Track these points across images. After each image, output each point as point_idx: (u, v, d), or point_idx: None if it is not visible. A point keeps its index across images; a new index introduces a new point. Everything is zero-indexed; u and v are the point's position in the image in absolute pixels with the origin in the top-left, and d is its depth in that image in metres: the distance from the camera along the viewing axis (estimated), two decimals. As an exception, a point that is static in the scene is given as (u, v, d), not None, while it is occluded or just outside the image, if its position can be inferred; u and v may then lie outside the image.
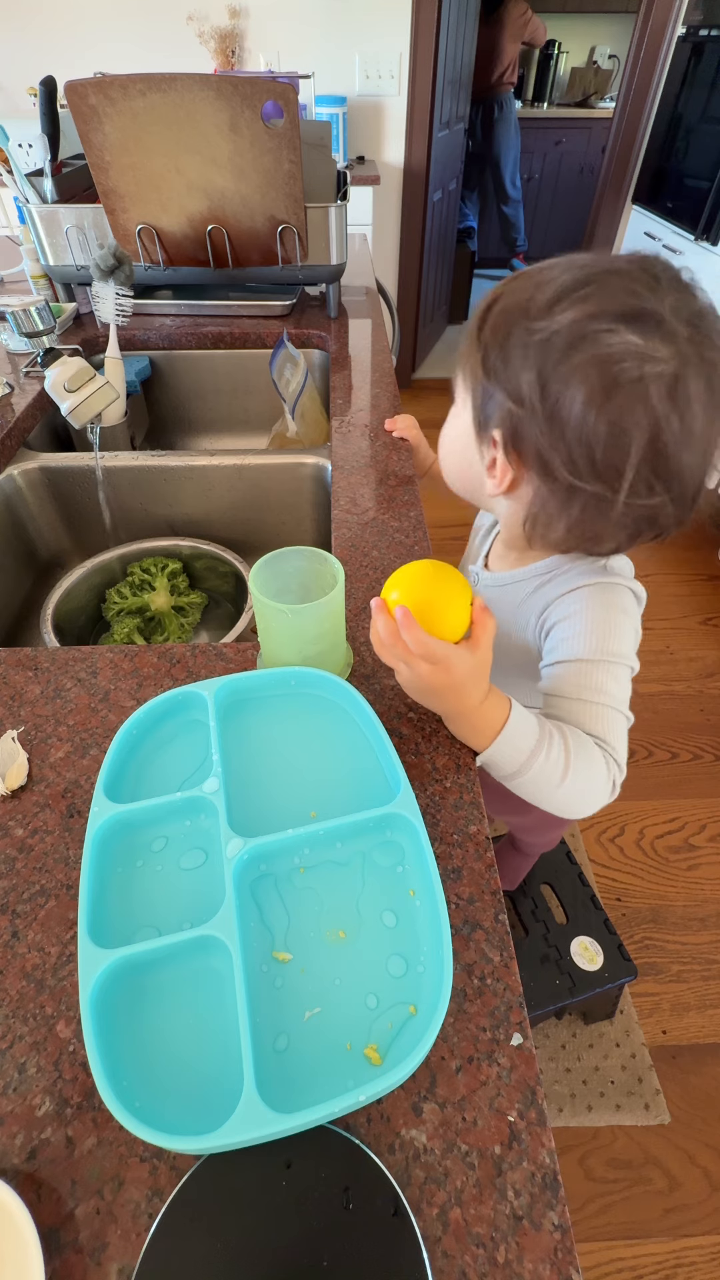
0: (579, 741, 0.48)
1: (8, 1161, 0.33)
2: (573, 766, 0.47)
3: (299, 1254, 0.30)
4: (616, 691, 0.51)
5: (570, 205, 4.21)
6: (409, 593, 0.46)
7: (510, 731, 0.47)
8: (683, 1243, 0.95)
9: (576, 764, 0.47)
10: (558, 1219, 0.31)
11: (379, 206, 2.56)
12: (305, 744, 0.50)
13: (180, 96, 0.93)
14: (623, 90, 2.64)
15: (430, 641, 0.44)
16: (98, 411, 0.86)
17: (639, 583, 0.55)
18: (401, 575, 0.47)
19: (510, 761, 0.47)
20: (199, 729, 0.50)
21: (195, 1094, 0.34)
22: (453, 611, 0.45)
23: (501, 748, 0.47)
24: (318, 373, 1.23)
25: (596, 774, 0.48)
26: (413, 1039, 0.35)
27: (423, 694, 0.47)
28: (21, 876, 0.44)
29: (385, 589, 0.47)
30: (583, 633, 0.52)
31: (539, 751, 0.47)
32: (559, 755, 0.47)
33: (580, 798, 0.49)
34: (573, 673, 0.51)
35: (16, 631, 0.92)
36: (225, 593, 0.96)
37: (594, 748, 0.49)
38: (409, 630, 0.44)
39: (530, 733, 0.47)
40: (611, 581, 0.53)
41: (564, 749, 0.47)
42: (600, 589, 0.53)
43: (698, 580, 2.07)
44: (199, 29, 2.27)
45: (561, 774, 0.47)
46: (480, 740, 0.48)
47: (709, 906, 1.31)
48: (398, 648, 0.45)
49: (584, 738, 0.49)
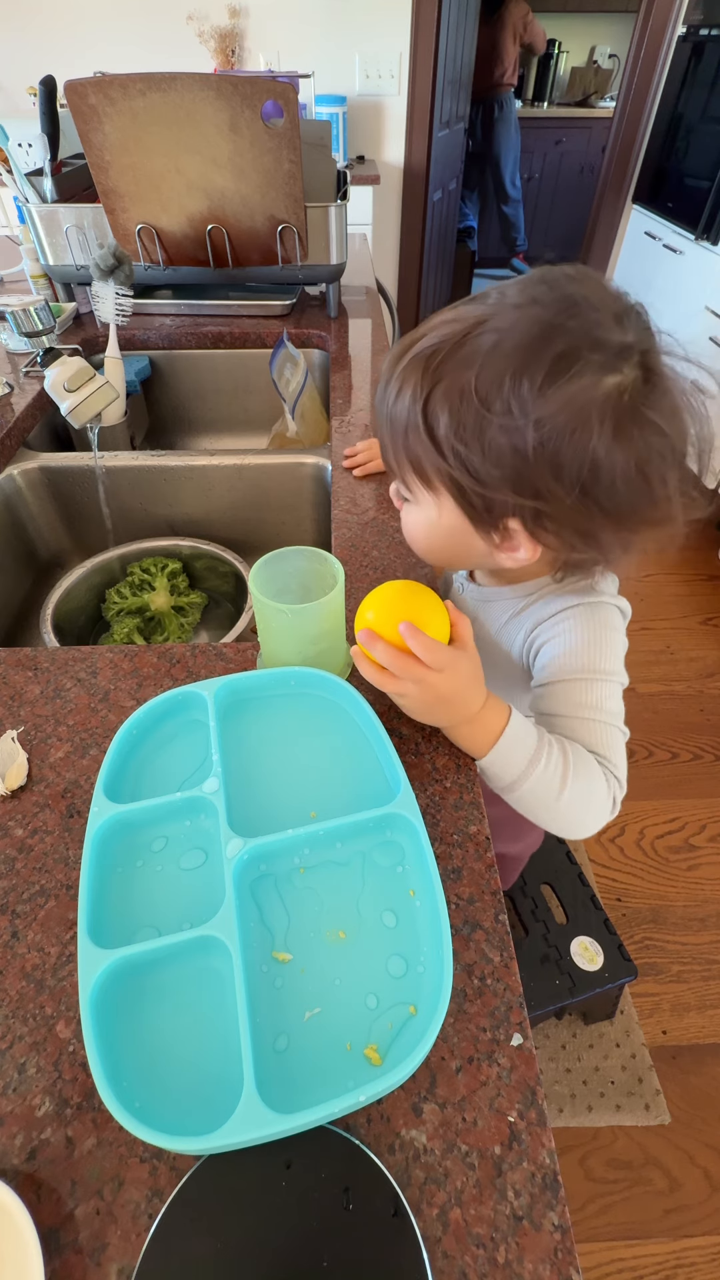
0: (578, 753, 0.48)
1: (8, 1161, 0.33)
2: (572, 775, 0.47)
3: (299, 1254, 0.30)
4: (612, 707, 0.51)
5: (570, 205, 4.21)
6: (388, 614, 0.45)
7: (510, 736, 0.47)
8: (683, 1243, 0.95)
9: (576, 773, 0.47)
10: (558, 1219, 0.31)
11: (379, 206, 2.56)
12: (305, 744, 0.50)
13: (180, 96, 0.93)
14: (623, 90, 2.64)
15: (438, 646, 0.44)
16: (98, 411, 0.86)
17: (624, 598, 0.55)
18: (374, 599, 0.47)
19: (511, 768, 0.47)
20: (199, 729, 0.50)
21: (195, 1094, 0.34)
22: (435, 622, 0.46)
23: (502, 752, 0.47)
24: (318, 373, 1.23)
25: (596, 787, 0.48)
26: (413, 1039, 0.35)
27: (431, 707, 0.47)
28: (21, 876, 0.44)
29: (359, 617, 0.47)
30: (574, 651, 0.51)
31: (539, 758, 0.46)
32: (558, 763, 0.47)
33: (581, 811, 0.48)
34: (568, 691, 0.51)
35: (16, 631, 0.92)
36: (225, 593, 0.96)
37: (593, 761, 0.48)
38: (417, 640, 0.43)
39: (529, 738, 0.47)
40: (599, 601, 0.53)
41: (563, 757, 0.47)
42: (589, 609, 0.53)
43: (698, 580, 2.07)
44: (199, 29, 2.27)
45: (561, 783, 0.46)
46: (481, 746, 0.48)
47: (709, 906, 1.31)
48: (413, 669, 0.44)
49: (583, 750, 0.49)
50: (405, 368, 0.44)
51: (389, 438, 0.47)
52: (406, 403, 0.44)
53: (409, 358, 0.44)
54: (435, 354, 0.43)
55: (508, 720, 0.47)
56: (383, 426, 0.48)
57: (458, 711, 0.47)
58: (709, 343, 2.08)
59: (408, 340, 0.45)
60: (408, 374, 0.44)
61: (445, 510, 0.47)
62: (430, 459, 0.45)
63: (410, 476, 0.47)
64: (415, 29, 2.31)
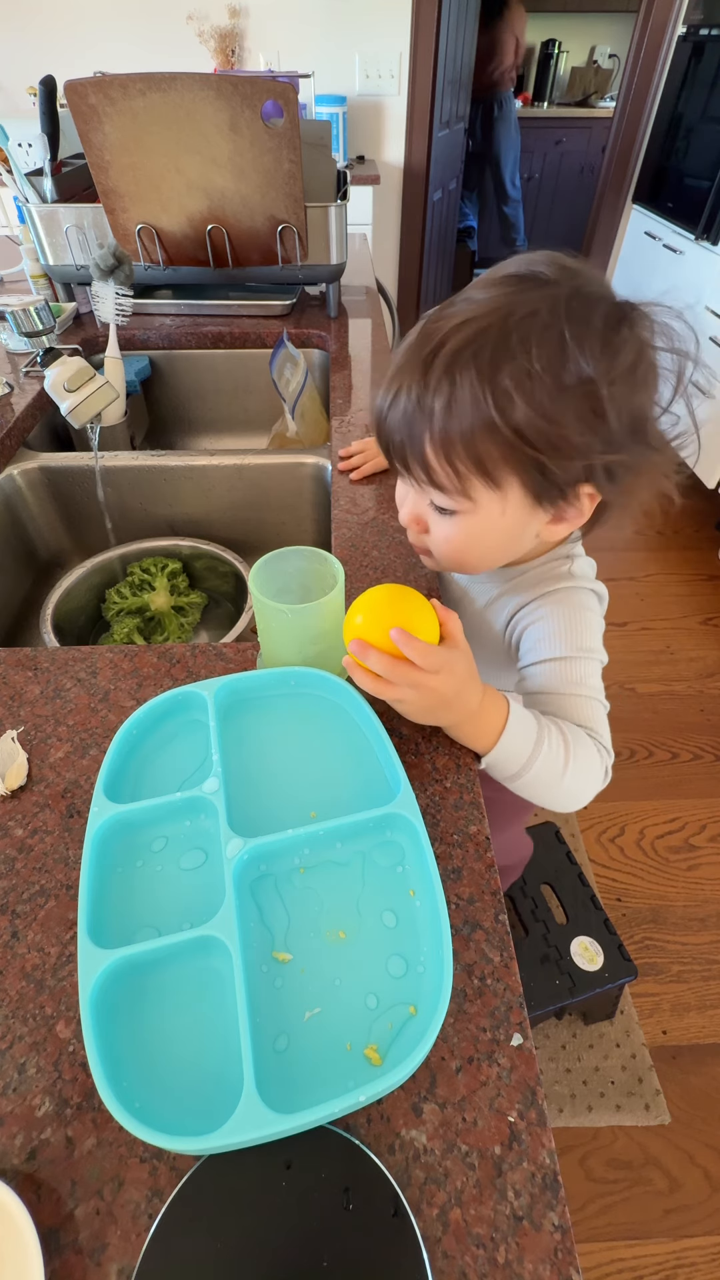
0: (573, 731, 0.49)
1: (8, 1162, 0.33)
2: (573, 755, 0.48)
3: (299, 1254, 0.30)
4: (595, 683, 0.53)
5: (570, 205, 4.21)
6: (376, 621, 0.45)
7: (512, 729, 0.47)
8: (683, 1243, 0.95)
9: (575, 753, 0.48)
10: (558, 1219, 0.31)
11: (379, 206, 2.56)
12: (305, 744, 0.50)
13: (180, 96, 0.93)
14: (623, 90, 2.64)
15: (431, 649, 0.44)
16: (97, 411, 0.86)
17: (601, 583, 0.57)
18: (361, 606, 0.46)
19: (516, 758, 0.48)
20: (199, 729, 0.50)
21: (195, 1094, 0.34)
22: (424, 623, 0.45)
23: (507, 745, 0.47)
24: (318, 373, 1.23)
25: (592, 762, 0.49)
26: (413, 1039, 0.35)
27: (432, 709, 0.47)
28: (21, 876, 0.44)
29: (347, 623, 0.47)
30: (557, 633, 0.53)
31: (541, 744, 0.47)
32: (559, 746, 0.48)
33: (581, 786, 0.50)
34: (554, 670, 0.52)
35: (16, 631, 0.92)
36: (225, 593, 0.96)
37: (586, 736, 0.50)
38: (410, 645, 0.43)
39: (530, 726, 0.48)
40: (575, 586, 0.55)
41: (562, 739, 0.48)
42: (566, 593, 0.54)
43: (698, 580, 2.07)
44: (199, 29, 2.27)
45: (564, 765, 0.48)
46: (485, 741, 0.48)
47: (709, 906, 1.31)
48: (409, 674, 0.44)
49: (575, 727, 0.50)
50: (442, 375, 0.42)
51: (435, 452, 0.44)
52: (466, 406, 0.42)
53: (441, 364, 0.42)
54: (478, 350, 0.41)
55: (508, 713, 0.48)
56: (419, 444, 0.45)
57: (458, 710, 0.47)
58: (709, 343, 2.08)
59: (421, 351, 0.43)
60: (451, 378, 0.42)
61: (511, 504, 0.46)
62: (506, 451, 0.43)
63: (471, 481, 0.45)
64: (415, 29, 2.31)
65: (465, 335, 0.42)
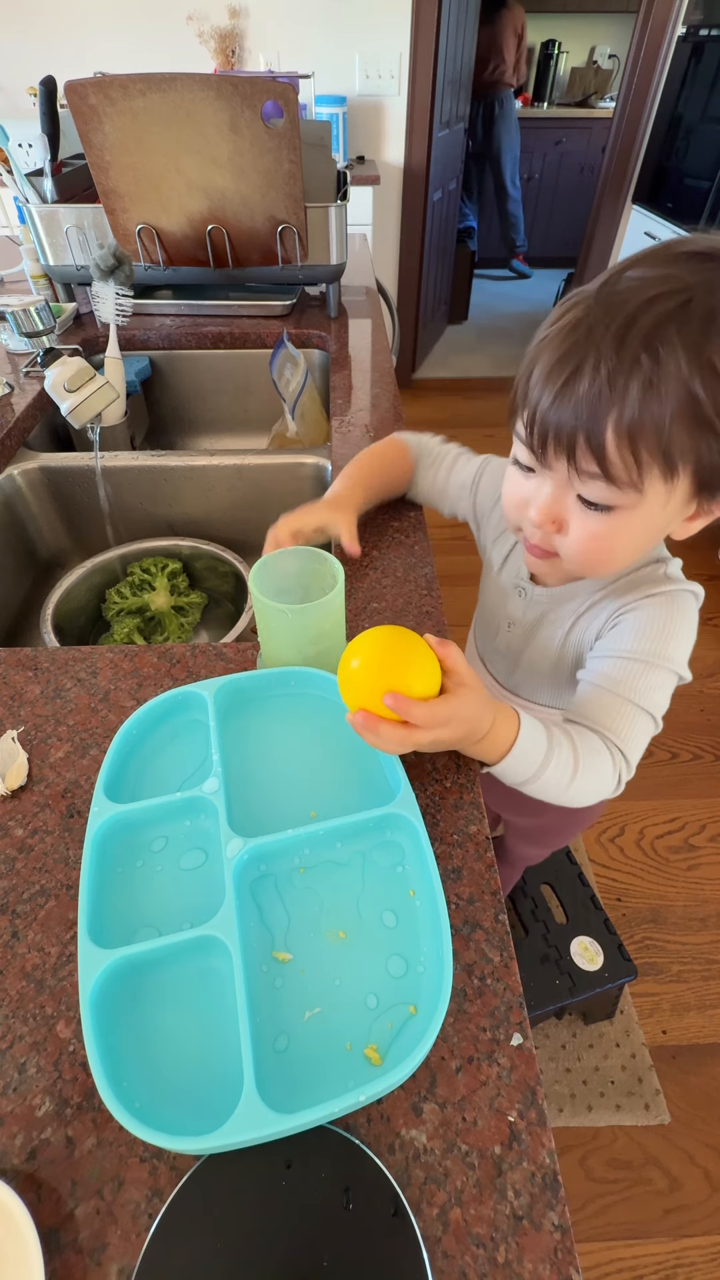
0: (586, 743, 0.48)
1: (8, 1161, 0.33)
2: (582, 767, 0.48)
3: (299, 1254, 0.30)
4: (654, 695, 0.50)
5: (570, 205, 4.21)
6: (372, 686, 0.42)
7: (521, 746, 0.47)
8: (683, 1243, 0.95)
9: (584, 765, 0.48)
10: (558, 1219, 0.31)
11: (379, 206, 2.56)
12: (305, 744, 0.50)
13: (180, 96, 0.93)
14: (623, 90, 2.64)
15: (434, 707, 0.41)
16: (98, 411, 0.86)
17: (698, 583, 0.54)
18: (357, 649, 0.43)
19: (523, 771, 0.47)
20: (199, 729, 0.50)
21: (195, 1094, 0.34)
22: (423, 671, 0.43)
23: (514, 760, 0.47)
24: (318, 373, 1.23)
25: (604, 774, 0.49)
26: (413, 1039, 0.35)
27: (446, 747, 0.46)
28: (21, 876, 0.44)
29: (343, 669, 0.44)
30: (638, 631, 0.51)
31: (550, 759, 0.47)
32: (568, 760, 0.47)
33: (587, 795, 0.50)
34: (616, 667, 0.51)
35: (16, 631, 0.92)
36: (225, 593, 0.96)
37: (601, 747, 0.49)
38: (409, 709, 0.41)
39: (540, 742, 0.47)
40: (677, 589, 0.52)
41: (573, 753, 0.48)
42: (669, 597, 0.52)
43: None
44: (199, 29, 2.27)
45: (571, 776, 0.48)
46: (493, 757, 0.48)
47: (709, 906, 1.31)
48: (418, 738, 0.42)
49: (590, 736, 0.49)
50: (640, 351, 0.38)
51: (617, 438, 0.40)
52: (669, 385, 0.38)
53: (637, 340, 0.38)
54: (682, 325, 0.38)
55: (518, 731, 0.47)
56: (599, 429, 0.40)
57: (469, 740, 0.46)
58: None
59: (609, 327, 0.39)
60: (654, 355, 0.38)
61: (676, 496, 0.43)
62: (696, 438, 0.40)
63: (651, 471, 0.41)
64: (415, 29, 2.31)
65: (664, 310, 0.38)
